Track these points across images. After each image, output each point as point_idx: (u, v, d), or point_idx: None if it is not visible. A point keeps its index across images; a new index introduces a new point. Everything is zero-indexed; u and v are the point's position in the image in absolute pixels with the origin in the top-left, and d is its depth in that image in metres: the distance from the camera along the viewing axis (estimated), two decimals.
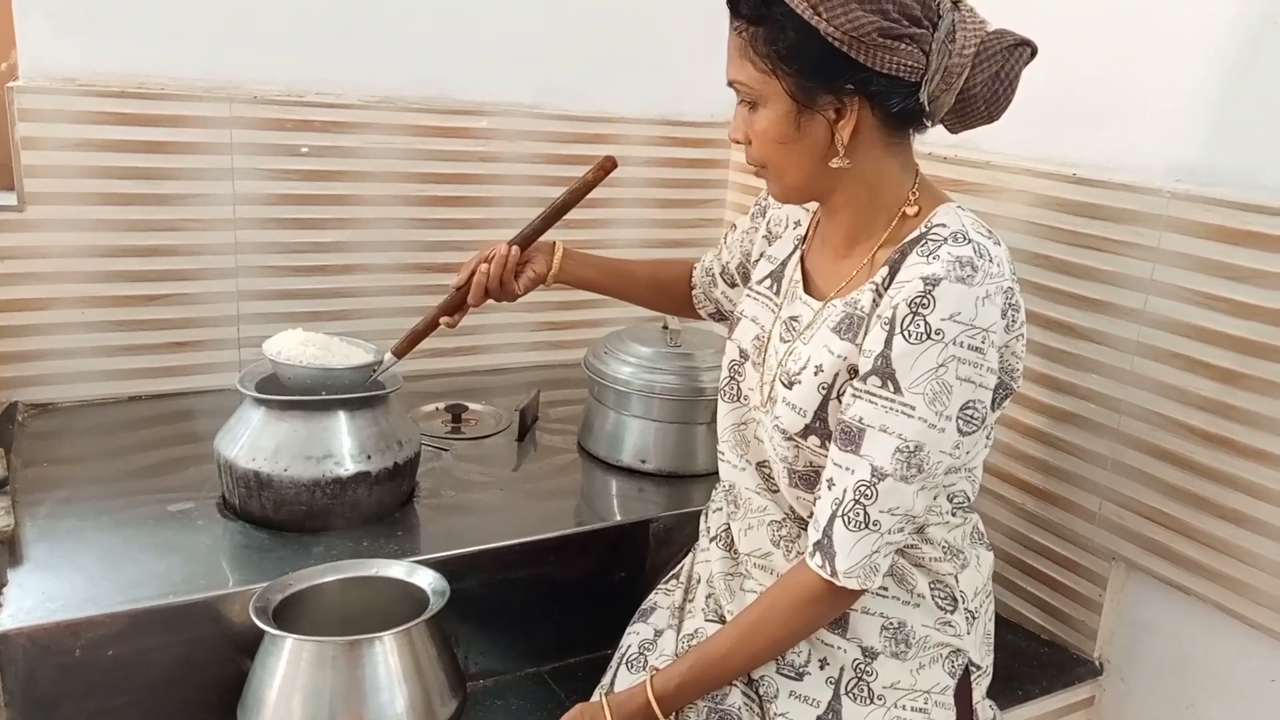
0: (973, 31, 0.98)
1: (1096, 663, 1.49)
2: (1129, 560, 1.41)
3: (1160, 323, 1.34)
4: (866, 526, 0.97)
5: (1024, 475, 1.54)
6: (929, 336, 0.93)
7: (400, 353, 1.35)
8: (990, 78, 0.99)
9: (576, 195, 1.33)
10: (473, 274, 1.31)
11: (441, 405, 1.74)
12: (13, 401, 1.61)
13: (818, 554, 0.99)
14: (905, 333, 0.94)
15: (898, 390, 0.95)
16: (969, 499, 1.11)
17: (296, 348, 1.34)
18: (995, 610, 1.62)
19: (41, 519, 1.28)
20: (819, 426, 1.03)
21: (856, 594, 1.01)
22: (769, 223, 1.24)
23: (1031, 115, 1.51)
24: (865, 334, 1.00)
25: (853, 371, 1.00)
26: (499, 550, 1.33)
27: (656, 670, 1.07)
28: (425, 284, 1.88)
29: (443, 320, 1.33)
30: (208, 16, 1.61)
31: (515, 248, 1.31)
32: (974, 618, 1.11)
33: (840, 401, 1.01)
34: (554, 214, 1.33)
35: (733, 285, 1.34)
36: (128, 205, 1.62)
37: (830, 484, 1.00)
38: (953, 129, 1.05)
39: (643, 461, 1.56)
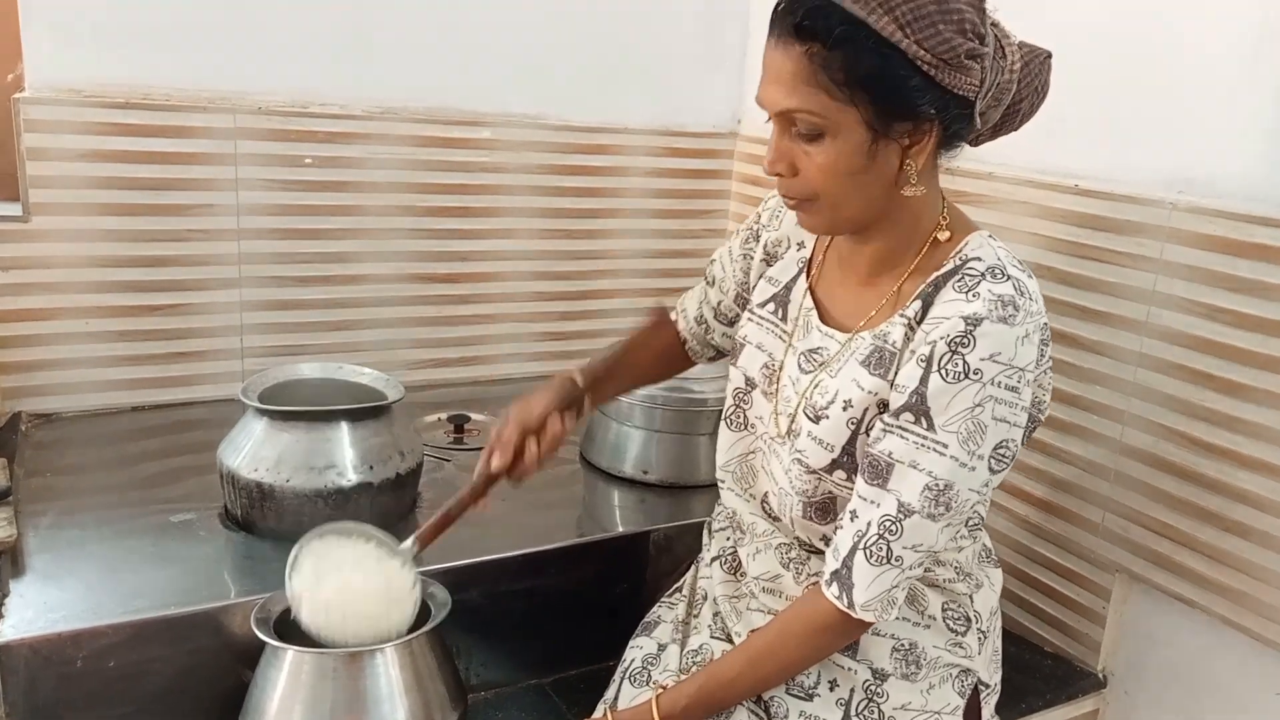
0: (1013, 45, 0.96)
1: (1100, 675, 1.49)
2: (1132, 573, 1.41)
3: (1163, 334, 1.34)
4: (889, 562, 0.95)
5: (1027, 487, 1.54)
6: (967, 376, 0.91)
7: (424, 543, 1.13)
8: (1033, 92, 0.98)
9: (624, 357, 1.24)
10: (519, 452, 1.10)
11: (444, 416, 1.74)
12: (16, 411, 1.61)
13: (835, 584, 0.98)
14: (943, 370, 0.92)
15: (931, 427, 0.93)
16: (981, 518, 1.11)
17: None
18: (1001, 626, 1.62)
19: (44, 529, 1.29)
20: (846, 461, 1.01)
21: (870, 624, 1.00)
22: (764, 245, 1.19)
23: (1033, 127, 1.51)
24: (897, 370, 0.97)
25: (882, 406, 0.98)
26: (501, 561, 1.32)
27: (663, 688, 1.06)
28: (428, 294, 1.88)
29: (481, 504, 1.13)
30: (212, 28, 1.62)
31: (564, 421, 1.12)
32: (985, 637, 1.10)
33: (868, 435, 0.99)
34: (594, 373, 1.18)
35: (733, 323, 1.25)
36: (132, 216, 1.62)
37: (854, 516, 0.98)
38: (975, 143, 1.02)
39: (645, 472, 1.56)
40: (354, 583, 1.06)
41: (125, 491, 1.41)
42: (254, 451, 1.29)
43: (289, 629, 1.11)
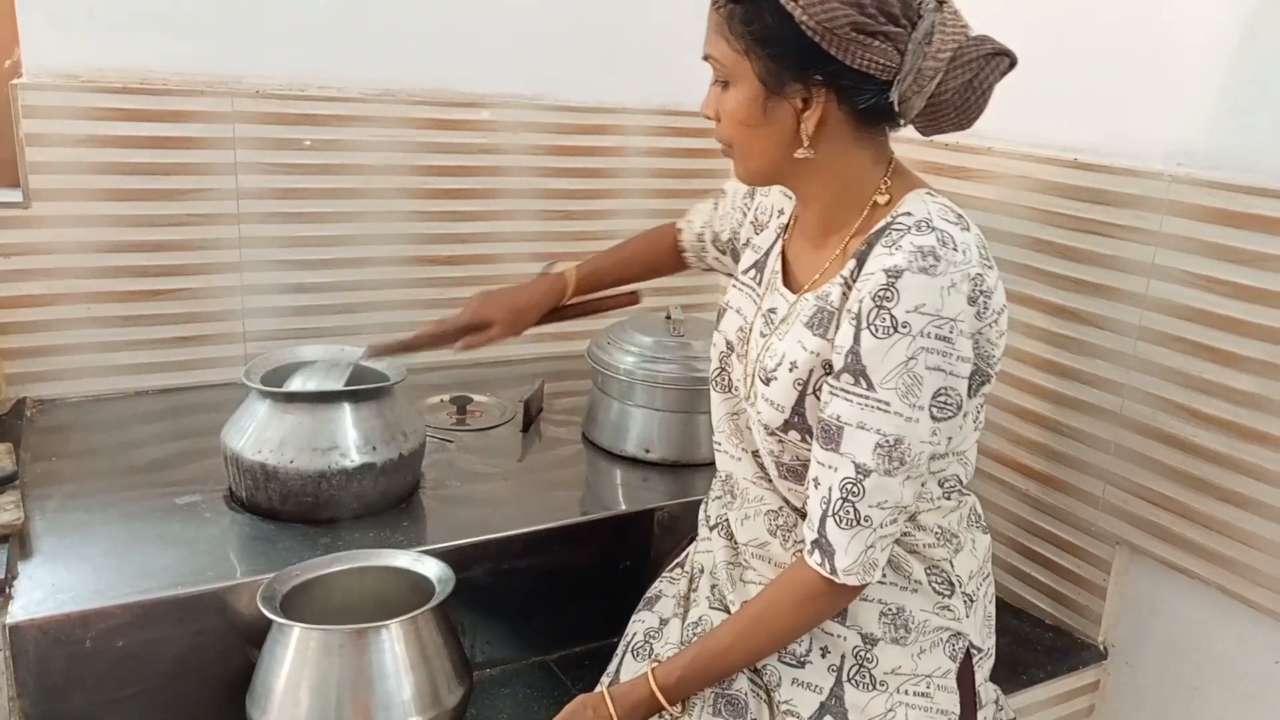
0: (951, 36, 0.96)
1: (1101, 647, 1.50)
2: (1132, 544, 1.42)
3: (1162, 306, 1.34)
4: (858, 523, 0.97)
5: (1027, 460, 1.54)
6: (896, 330, 0.93)
7: (374, 352, 1.39)
8: (963, 85, 0.97)
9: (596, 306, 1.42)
10: (464, 329, 1.36)
11: (446, 397, 1.75)
12: (21, 397, 1.62)
13: (816, 552, 0.99)
14: (872, 327, 0.94)
15: (871, 386, 0.95)
16: (961, 482, 1.11)
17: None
18: (999, 596, 1.63)
19: (50, 513, 1.29)
20: (798, 421, 1.03)
21: (858, 589, 1.01)
22: (756, 210, 1.24)
23: (1032, 100, 1.51)
24: (836, 329, 0.99)
25: (827, 367, 1.00)
26: (504, 540, 1.33)
27: (659, 661, 1.07)
28: (428, 276, 1.88)
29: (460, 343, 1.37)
30: (208, 11, 1.62)
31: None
32: (972, 601, 1.11)
33: (818, 397, 1.01)
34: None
35: (723, 254, 1.34)
36: (132, 201, 1.63)
37: (816, 483, 1.00)
38: (923, 131, 1.03)
39: (646, 451, 1.57)
40: None
41: (130, 475, 1.42)
42: (257, 434, 1.30)
43: (295, 607, 1.12)
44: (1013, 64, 0.99)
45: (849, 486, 0.97)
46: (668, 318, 1.61)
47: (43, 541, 1.23)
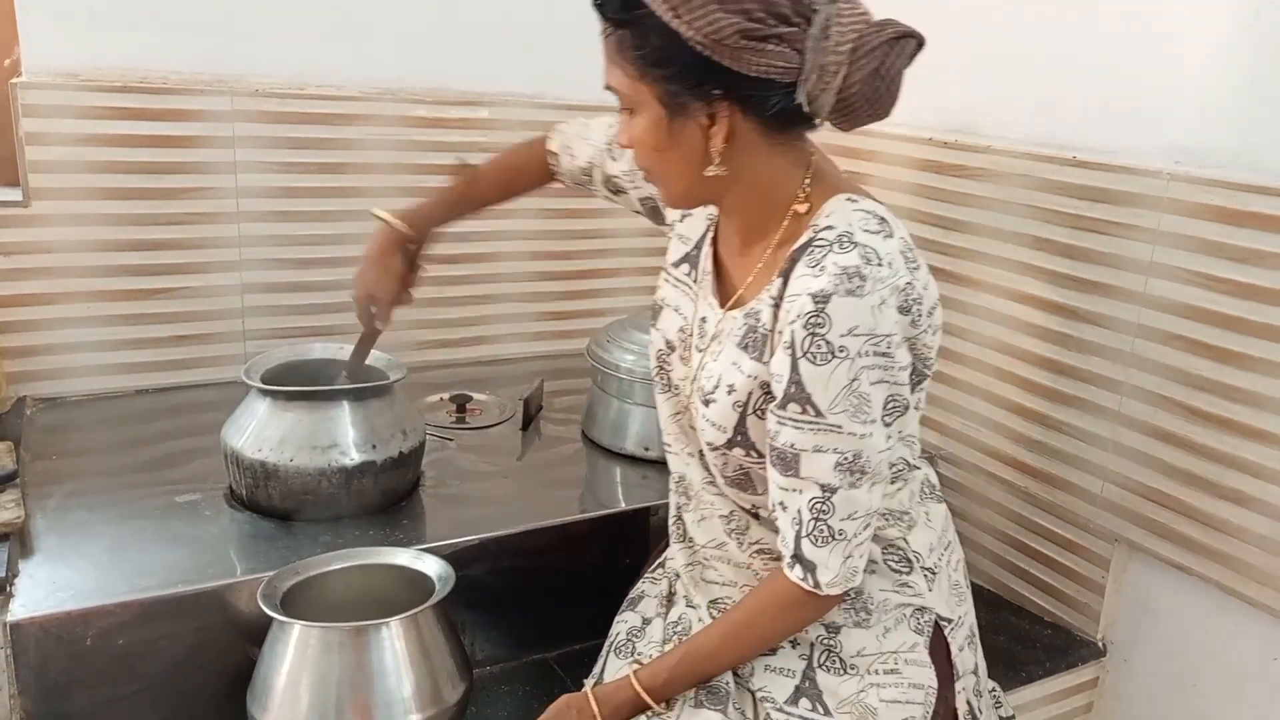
0: (849, 26, 0.91)
1: (1099, 644, 1.50)
2: (1131, 542, 1.42)
3: (1160, 304, 1.34)
4: (834, 538, 0.97)
5: (1026, 458, 1.55)
6: (834, 355, 0.91)
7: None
8: (869, 75, 0.92)
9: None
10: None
11: (446, 395, 1.75)
12: (21, 396, 1.62)
13: (798, 566, 0.99)
14: (809, 355, 0.92)
15: (819, 413, 0.93)
16: (908, 463, 1.10)
17: None
18: (997, 593, 1.63)
19: (51, 511, 1.30)
20: (741, 439, 1.02)
21: (843, 596, 1.02)
22: None
23: (1031, 99, 1.52)
24: (770, 352, 0.98)
25: (765, 388, 0.99)
26: (504, 538, 1.34)
27: (640, 664, 1.08)
28: (429, 274, 1.88)
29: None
30: (207, 10, 1.62)
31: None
32: (934, 573, 1.10)
33: (759, 417, 1.00)
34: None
35: (617, 193, 1.29)
36: (132, 199, 1.63)
37: (784, 507, 0.99)
38: (841, 127, 0.98)
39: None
40: None
41: (130, 473, 1.42)
42: (257, 432, 1.30)
43: (295, 605, 1.12)
44: (920, 45, 0.94)
45: (818, 506, 0.96)
46: None
47: (43, 540, 1.23)
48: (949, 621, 1.10)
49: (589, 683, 1.13)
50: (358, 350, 1.37)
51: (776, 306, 0.98)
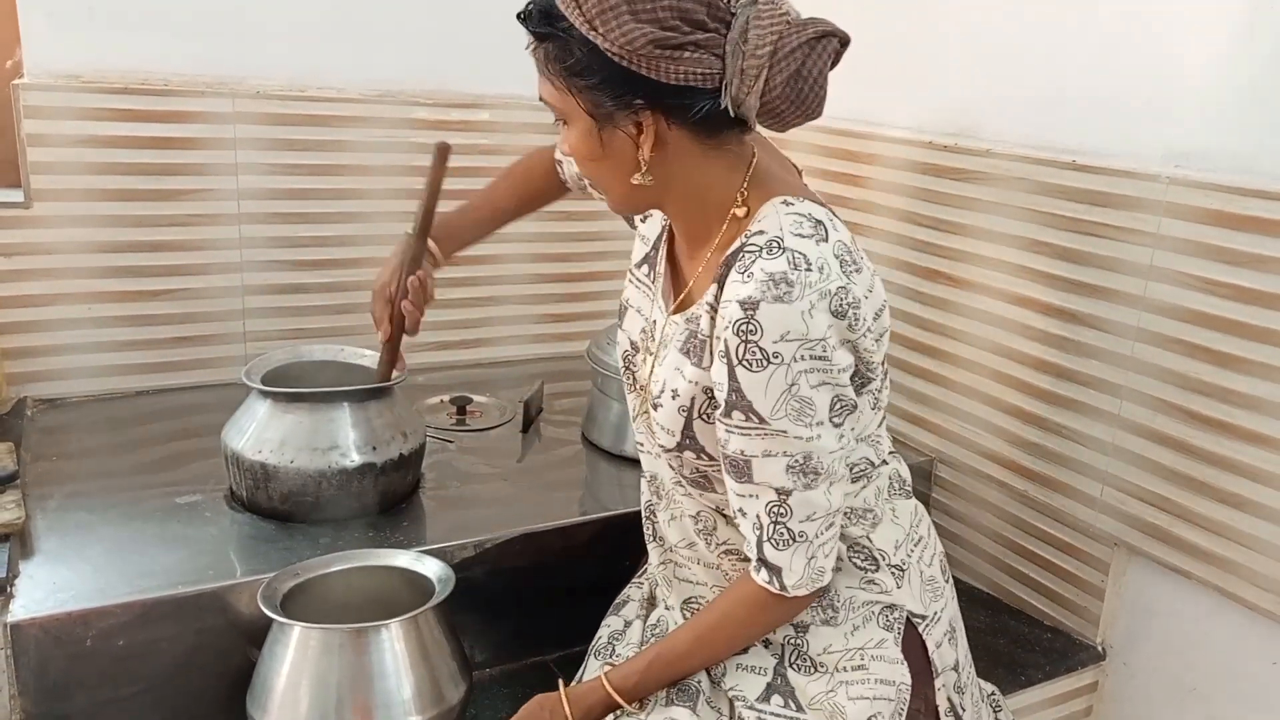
0: (769, 28, 0.91)
1: (1099, 648, 1.50)
2: (1130, 545, 1.42)
3: (1160, 308, 1.34)
4: (794, 540, 0.97)
5: (1025, 461, 1.55)
6: (769, 361, 0.91)
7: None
8: (790, 78, 0.91)
9: (434, 193, 1.30)
10: (393, 319, 1.28)
11: (446, 398, 1.75)
12: (22, 397, 1.62)
13: (763, 570, 1.00)
14: (745, 363, 0.92)
15: (762, 420, 0.93)
16: (872, 463, 1.10)
17: None
18: (996, 595, 1.63)
19: (51, 512, 1.30)
20: (689, 443, 1.03)
21: (813, 596, 1.02)
22: None
23: (1031, 102, 1.52)
24: (710, 358, 0.98)
25: (709, 393, 0.99)
26: (504, 540, 1.34)
27: (612, 664, 1.08)
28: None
29: (396, 369, 1.33)
30: (209, 12, 1.62)
31: (419, 273, 1.27)
32: (902, 570, 1.09)
33: (706, 420, 1.00)
34: (425, 225, 1.29)
35: None
36: (133, 201, 1.63)
37: (742, 513, 1.00)
38: (773, 129, 0.98)
39: None
40: None
41: (131, 474, 1.42)
42: (258, 433, 1.30)
43: (295, 607, 1.12)
44: (844, 43, 0.93)
45: (775, 510, 0.97)
46: None
47: (44, 541, 1.23)
48: (922, 618, 1.10)
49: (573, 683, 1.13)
50: (381, 361, 1.35)
51: (714, 312, 0.98)
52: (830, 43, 0.92)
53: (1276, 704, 1.31)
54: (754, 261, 0.93)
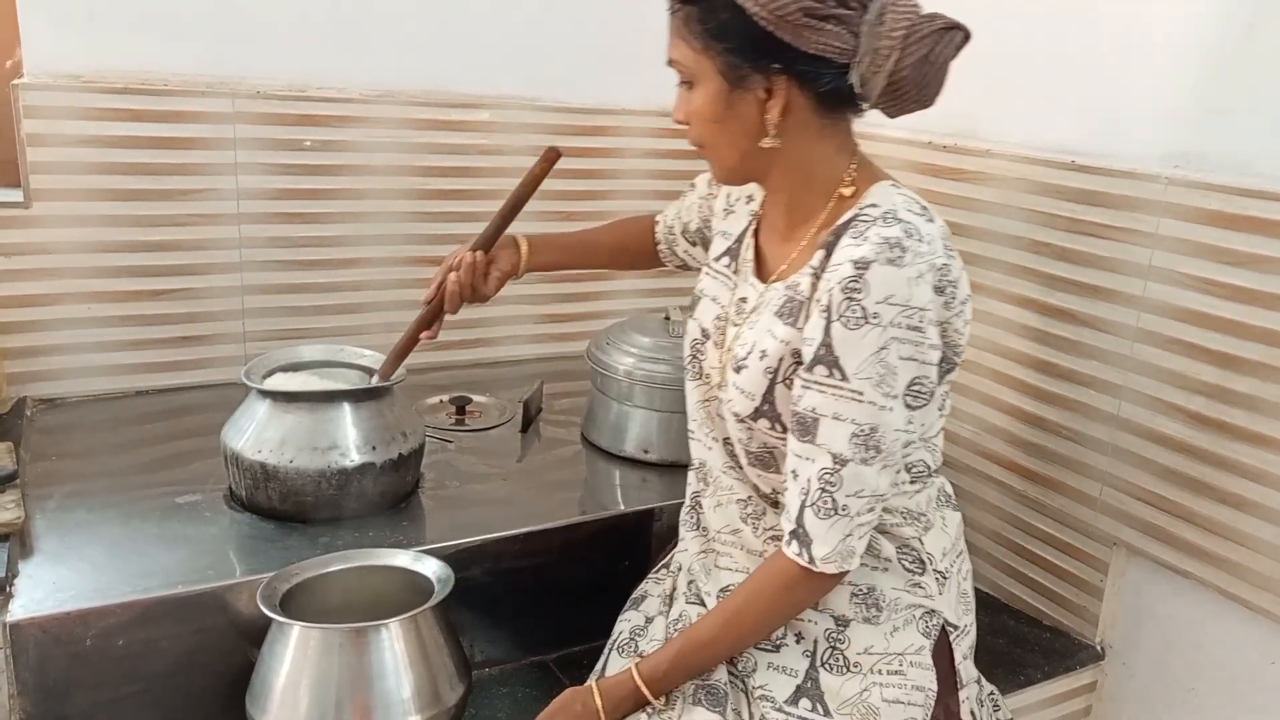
0: (903, 14, 0.97)
1: (1098, 647, 1.50)
2: (1130, 545, 1.42)
3: (1159, 308, 1.34)
4: (836, 512, 0.98)
5: (1025, 462, 1.55)
6: (866, 320, 0.95)
7: (385, 375, 1.36)
8: (919, 61, 0.98)
9: (527, 190, 1.32)
10: (440, 286, 1.30)
11: (446, 398, 1.75)
12: (21, 396, 1.62)
13: (794, 542, 1.01)
14: (843, 319, 0.96)
15: (844, 377, 0.96)
16: (929, 468, 1.12)
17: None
18: (996, 596, 1.64)
19: (51, 512, 1.30)
20: (768, 409, 1.05)
21: (838, 577, 1.03)
22: (728, 195, 1.24)
23: (1030, 102, 1.52)
24: (806, 319, 1.01)
25: (797, 356, 1.01)
26: (503, 540, 1.34)
27: (642, 657, 1.08)
28: (428, 278, 1.87)
29: (423, 336, 1.33)
30: (209, 12, 1.62)
31: (479, 252, 1.30)
32: (945, 578, 1.11)
33: (788, 386, 1.03)
34: (510, 212, 1.32)
35: (694, 244, 1.36)
36: (132, 201, 1.63)
37: (794, 475, 1.01)
38: (889, 113, 1.05)
39: (645, 451, 1.57)
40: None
41: (130, 474, 1.42)
42: (257, 433, 1.30)
43: (295, 606, 1.12)
44: (966, 38, 1.00)
45: (826, 476, 0.98)
46: (666, 319, 1.62)
47: (43, 540, 1.23)
48: (955, 628, 1.11)
49: (592, 680, 1.13)
50: (393, 354, 1.36)
51: (817, 278, 1.01)
52: (957, 35, 0.99)
53: (1275, 704, 1.31)
54: (869, 228, 0.98)
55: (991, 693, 1.26)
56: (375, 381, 1.36)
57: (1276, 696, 1.31)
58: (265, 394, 1.32)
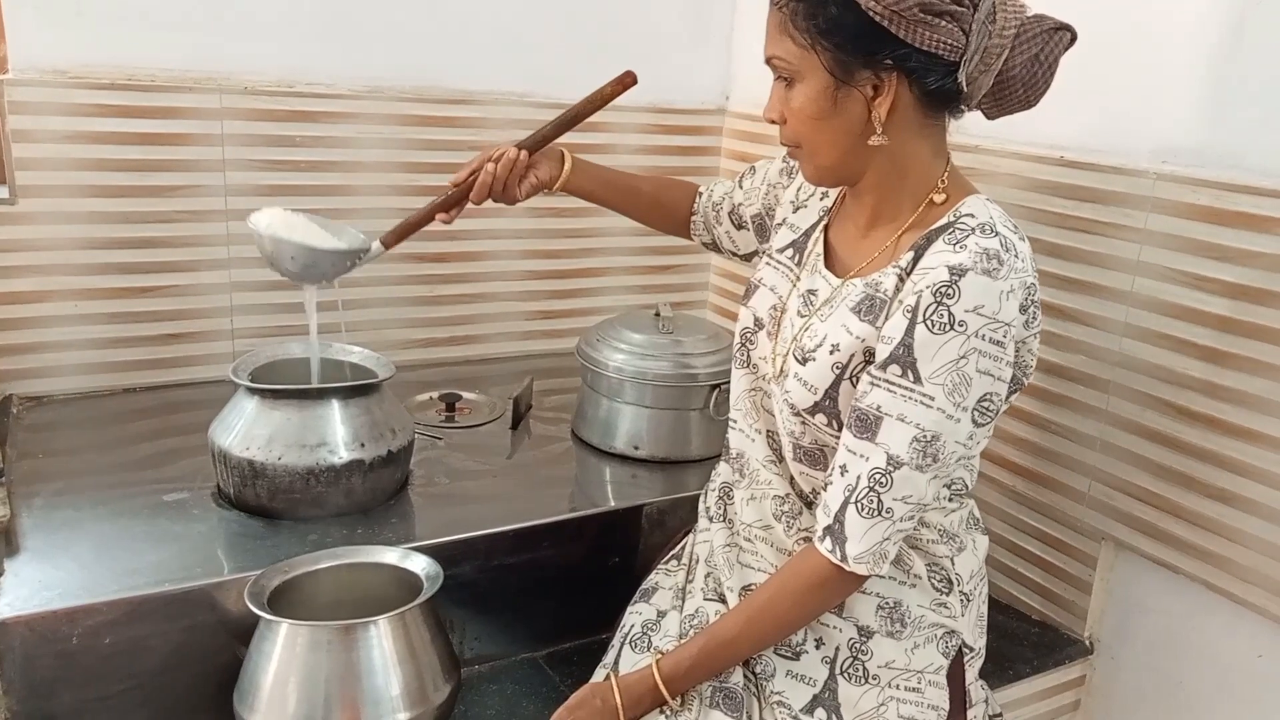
0: (1013, 14, 0.98)
1: (1087, 642, 1.51)
2: (1118, 540, 1.42)
3: (1148, 304, 1.34)
4: (880, 514, 0.98)
5: (1014, 457, 1.55)
6: (952, 327, 0.94)
7: (389, 244, 1.33)
8: (1030, 60, 0.99)
9: (592, 106, 1.31)
10: (473, 173, 1.28)
11: (435, 394, 1.75)
12: (8, 394, 1.61)
13: (828, 539, 1.00)
14: (928, 321, 0.95)
15: (918, 380, 0.95)
16: (966, 486, 1.13)
17: (283, 227, 1.31)
18: (987, 591, 1.64)
19: (37, 510, 1.29)
20: (828, 405, 1.04)
21: (864, 579, 1.02)
22: (798, 188, 1.23)
23: None
24: (886, 318, 1.00)
25: (868, 354, 1.00)
26: (493, 536, 1.33)
27: (662, 653, 1.07)
28: (419, 273, 1.88)
29: (439, 216, 1.29)
30: (196, 7, 1.61)
31: (524, 151, 1.28)
32: (968, 600, 1.12)
33: (853, 384, 1.02)
34: (566, 122, 1.30)
35: (739, 228, 1.34)
36: (120, 198, 1.62)
37: (844, 470, 1.00)
38: (990, 114, 1.05)
39: (635, 448, 1.57)
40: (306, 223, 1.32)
41: (118, 472, 1.42)
42: (245, 430, 1.30)
43: (283, 604, 1.12)
44: (1074, 38, 1.01)
45: (878, 476, 0.97)
46: (657, 315, 1.62)
47: (30, 538, 1.22)
48: (971, 650, 1.13)
49: (600, 673, 1.13)
50: (403, 226, 1.32)
51: (902, 279, 1.00)
52: (1065, 35, 1.00)
53: (1263, 697, 1.32)
54: (967, 236, 0.97)
55: (981, 686, 1.27)
56: (376, 249, 1.32)
57: (1264, 690, 1.31)
58: (253, 391, 1.31)
